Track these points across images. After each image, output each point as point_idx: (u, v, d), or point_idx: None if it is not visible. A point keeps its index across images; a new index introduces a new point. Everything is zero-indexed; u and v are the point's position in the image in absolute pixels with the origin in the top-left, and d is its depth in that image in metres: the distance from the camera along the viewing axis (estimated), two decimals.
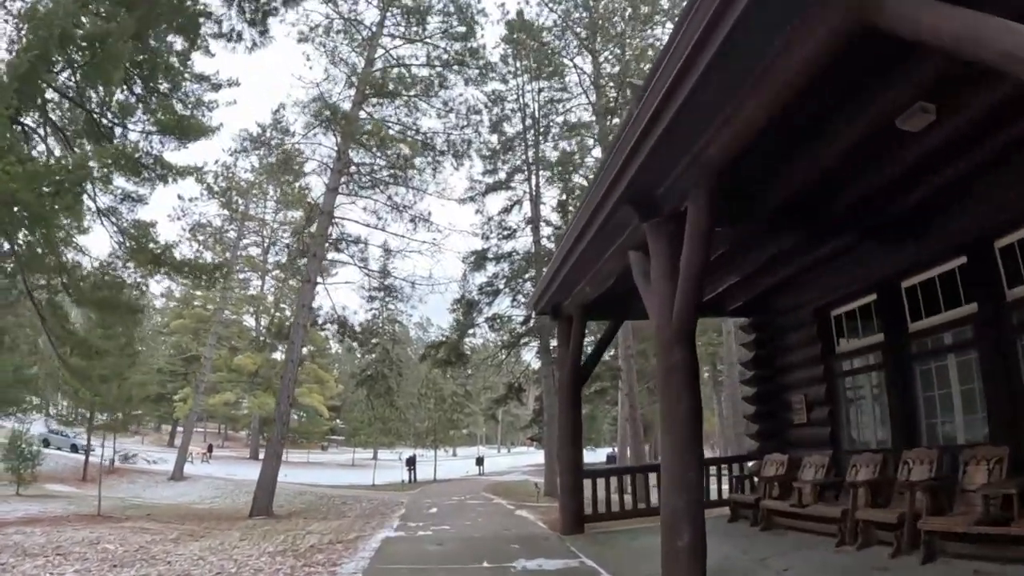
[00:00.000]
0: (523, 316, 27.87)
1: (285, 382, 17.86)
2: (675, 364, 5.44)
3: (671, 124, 4.76)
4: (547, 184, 29.06)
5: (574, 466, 9.46)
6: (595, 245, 7.30)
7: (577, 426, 9.53)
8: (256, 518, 16.10)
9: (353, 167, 21.03)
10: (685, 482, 5.31)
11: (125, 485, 33.14)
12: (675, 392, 5.42)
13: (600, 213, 6.64)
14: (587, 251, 7.53)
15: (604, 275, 7.99)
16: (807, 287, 9.62)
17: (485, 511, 14.79)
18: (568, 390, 9.52)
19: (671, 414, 5.46)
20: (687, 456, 5.35)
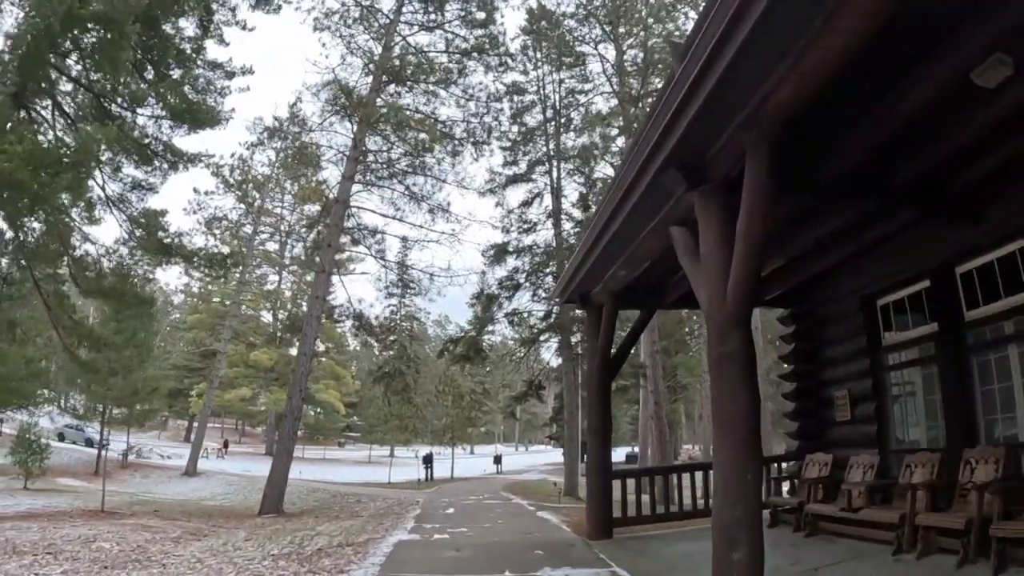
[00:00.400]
0: (543, 311, 27.19)
1: (297, 376, 17.23)
2: (730, 352, 4.69)
3: (726, 71, 4.06)
4: (568, 177, 28.43)
5: (602, 466, 8.72)
6: (632, 221, 6.56)
7: (606, 423, 8.79)
8: (265, 516, 15.51)
9: (370, 155, 20.39)
10: (742, 489, 4.57)
11: (138, 480, 32.87)
12: (729, 384, 4.68)
13: (639, 183, 5.91)
14: (623, 229, 6.79)
15: (640, 256, 7.23)
16: (852, 274, 8.90)
17: (504, 512, 14.08)
18: (597, 383, 8.78)
19: (724, 410, 4.72)
20: (744, 459, 4.60)
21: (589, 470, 8.75)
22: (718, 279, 4.88)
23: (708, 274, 5.03)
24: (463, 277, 22.28)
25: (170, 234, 17.90)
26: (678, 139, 4.95)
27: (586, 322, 9.59)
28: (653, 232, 6.59)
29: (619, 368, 9.41)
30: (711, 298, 4.91)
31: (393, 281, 22.48)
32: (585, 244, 8.00)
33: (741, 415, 4.62)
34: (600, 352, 8.71)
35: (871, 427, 8.42)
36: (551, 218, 27.34)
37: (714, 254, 5.01)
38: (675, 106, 4.72)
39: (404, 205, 21.33)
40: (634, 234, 6.88)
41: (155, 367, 40.37)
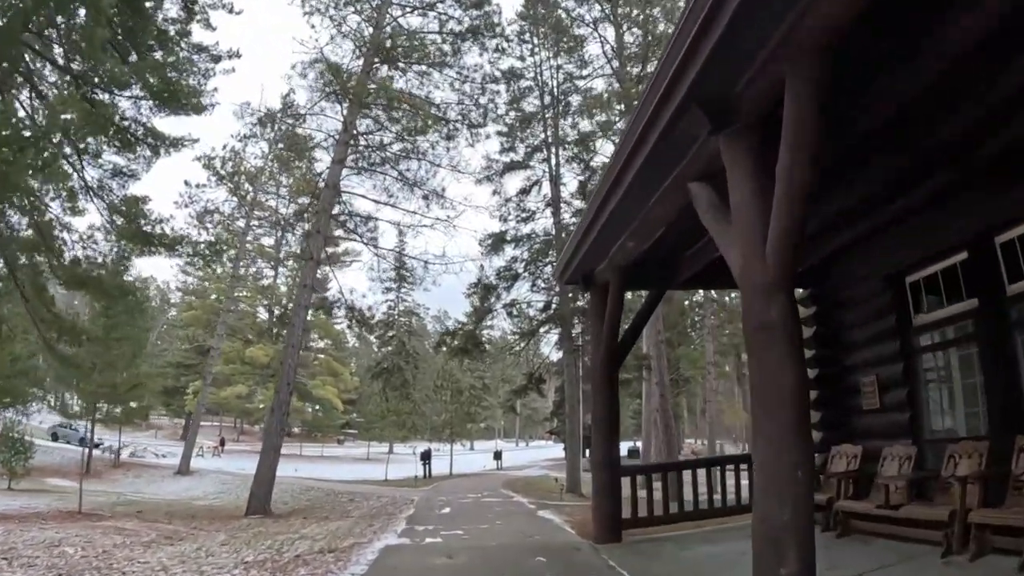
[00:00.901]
0: (543, 302, 26.40)
1: (285, 369, 16.38)
2: (771, 322, 3.85)
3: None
4: (567, 164, 27.56)
5: (609, 462, 7.86)
6: (643, 180, 5.72)
7: (613, 415, 7.93)
8: (252, 517, 14.69)
9: (361, 140, 19.52)
10: (792, 487, 3.74)
11: (130, 480, 32.11)
12: (773, 360, 3.84)
13: (652, 130, 5.06)
14: (632, 191, 5.95)
15: (653, 222, 6.38)
16: (877, 249, 8.13)
17: (503, 511, 13.26)
18: (602, 372, 7.93)
19: (767, 392, 3.89)
20: (794, 450, 3.77)
21: (595, 466, 7.90)
22: (754, 236, 4.05)
23: (741, 231, 4.20)
24: (459, 264, 21.25)
25: (151, 220, 17.09)
26: (701, 68, 4.12)
27: (590, 305, 8.75)
28: (668, 192, 5.76)
29: (626, 355, 8.55)
30: (746, 259, 4.08)
31: (386, 270, 21.54)
32: (588, 214, 7.16)
33: (788, 397, 3.79)
34: (606, 337, 7.87)
35: (903, 415, 7.64)
36: (550, 206, 26.53)
37: (748, 206, 4.18)
38: (698, 24, 3.88)
39: (397, 192, 20.47)
40: (645, 196, 6.05)
41: (148, 364, 39.69)
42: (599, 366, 7.95)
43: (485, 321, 26.15)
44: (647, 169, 5.55)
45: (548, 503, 15.21)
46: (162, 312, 74.55)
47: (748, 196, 4.21)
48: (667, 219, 6.27)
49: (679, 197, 5.65)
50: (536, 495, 18.54)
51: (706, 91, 4.33)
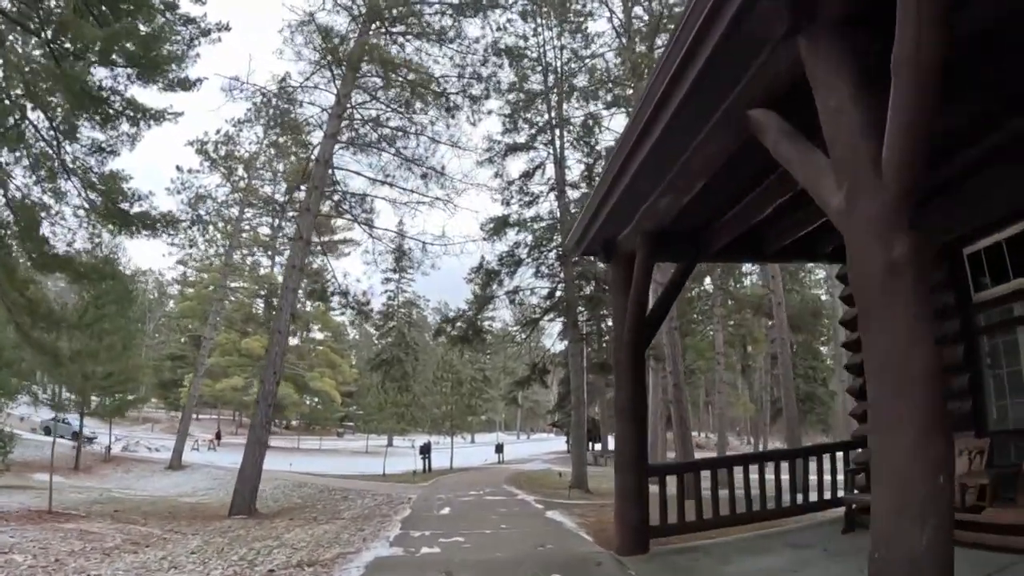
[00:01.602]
0: (547, 289, 25.30)
1: (271, 356, 15.19)
2: (897, 265, 2.71)
3: None
4: (571, 148, 26.42)
5: (636, 459, 6.69)
6: (686, 114, 4.55)
7: (639, 403, 6.75)
8: (235, 517, 13.56)
9: (357, 114, 18.31)
10: (931, 501, 2.59)
11: (119, 475, 31.09)
12: (901, 320, 2.70)
13: (705, 42, 3.91)
14: (670, 131, 4.78)
15: (695, 171, 5.20)
16: (927, 218, 6.91)
17: (509, 512, 12.09)
18: (629, 351, 6.74)
19: (890, 366, 2.76)
20: (930, 448, 2.62)
21: (619, 466, 6.70)
22: (859, 150, 2.90)
23: (840, 147, 3.04)
24: (459, 246, 19.98)
25: (129, 198, 15.92)
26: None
27: (612, 278, 7.54)
28: (718, 128, 4.60)
29: (654, 333, 7.38)
30: (851, 183, 2.92)
31: (382, 253, 20.31)
32: (613, 167, 5.98)
33: (922, 372, 2.65)
34: (632, 312, 6.68)
35: (964, 403, 6.64)
36: (553, 190, 25.41)
37: (848, 113, 3.03)
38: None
39: (394, 171, 19.26)
40: (687, 137, 4.89)
41: (144, 356, 38.70)
42: (624, 346, 6.77)
43: (486, 309, 25.09)
44: (693, 99, 4.39)
45: (555, 501, 14.06)
46: (159, 305, 73.59)
47: (847, 102, 3.05)
48: (713, 165, 5.08)
49: (732, 133, 4.51)
50: (542, 492, 17.39)
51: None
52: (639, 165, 5.45)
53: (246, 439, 15.29)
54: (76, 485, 25.14)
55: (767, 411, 47.28)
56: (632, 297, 6.68)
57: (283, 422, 67.61)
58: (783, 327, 20.92)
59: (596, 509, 11.86)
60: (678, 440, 17.19)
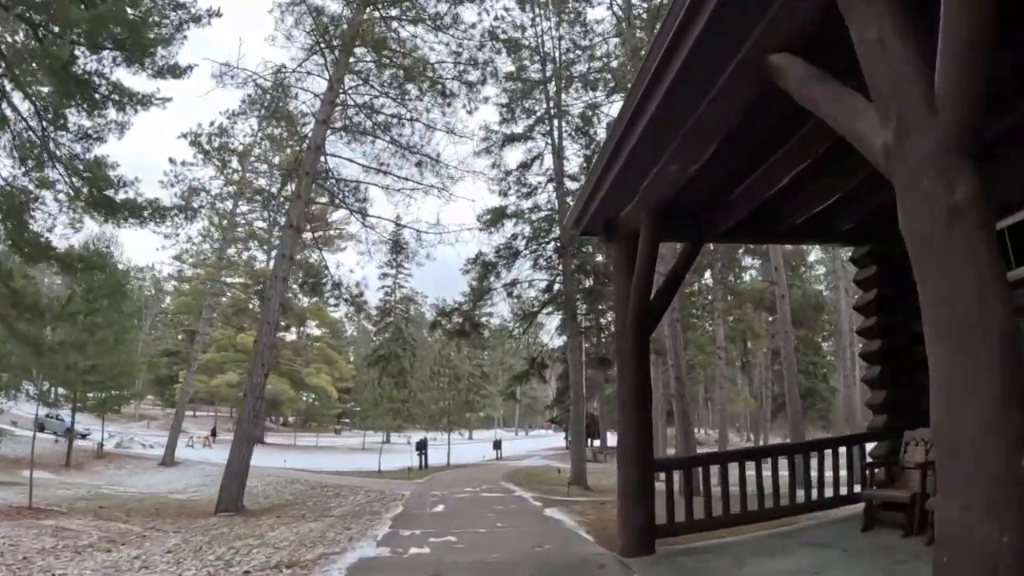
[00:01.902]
0: (546, 281, 24.78)
1: (260, 348, 14.67)
2: (958, 208, 2.29)
3: None
4: (569, 139, 25.87)
5: (641, 455, 6.17)
6: (698, 65, 4.06)
7: (644, 394, 6.24)
8: (221, 515, 13.07)
9: (350, 99, 17.78)
10: (1012, 490, 2.12)
11: (111, 471, 30.52)
12: (967, 270, 2.25)
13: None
14: (680, 85, 4.30)
15: (705, 132, 4.70)
16: None
17: (505, 510, 11.59)
18: (632, 338, 6.24)
19: (952, 326, 2.30)
20: (1008, 425, 2.14)
21: (623, 461, 6.19)
22: (904, 84, 2.42)
23: (883, 81, 2.54)
24: (454, 234, 19.40)
25: (113, 183, 15.40)
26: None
27: (614, 260, 7.03)
28: (734, 78, 4.09)
29: (660, 317, 6.89)
30: (896, 117, 2.44)
31: (375, 242, 19.74)
32: (614, 136, 5.49)
33: (993, 331, 2.18)
34: (636, 295, 6.18)
35: None
36: (552, 181, 24.89)
37: (891, 44, 2.55)
38: None
39: (389, 159, 18.71)
40: (697, 93, 4.39)
41: (131, 350, 38.11)
42: (627, 332, 6.27)
43: (484, 302, 24.56)
44: (705, 46, 3.90)
45: (554, 498, 13.57)
46: (156, 301, 73.09)
47: (890, 31, 2.57)
48: (726, 124, 4.59)
49: (749, 83, 4.02)
50: (540, 489, 16.89)
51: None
52: (644, 128, 4.96)
53: (234, 435, 14.77)
54: (66, 481, 24.64)
55: (768, 407, 46.85)
56: (635, 280, 6.19)
57: (280, 419, 67.32)
58: (787, 320, 20.41)
59: (596, 507, 11.38)
60: (680, 435, 16.71)
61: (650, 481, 6.08)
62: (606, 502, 11.72)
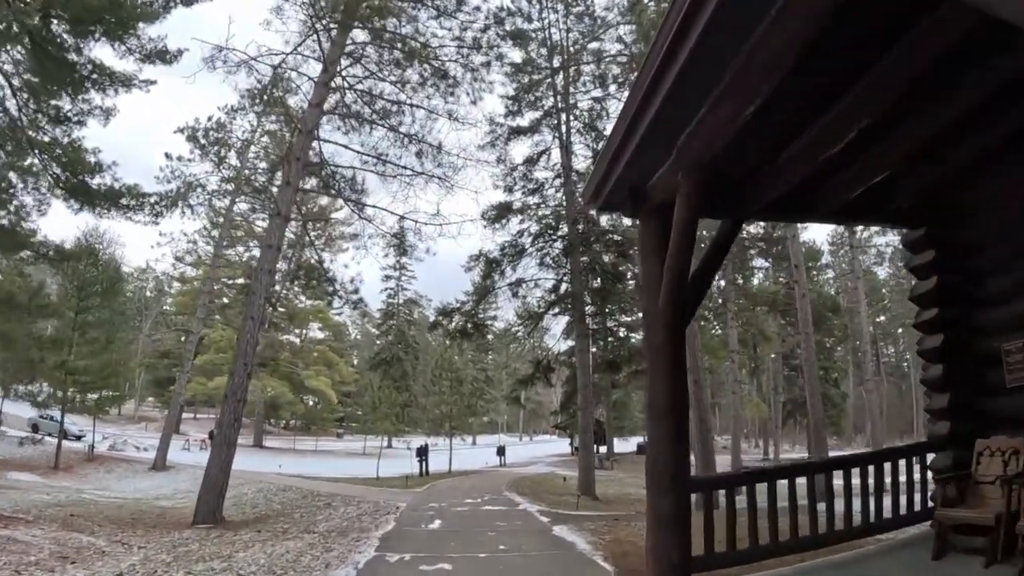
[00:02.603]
0: (553, 281, 23.65)
1: (242, 346, 13.50)
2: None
3: None
4: (577, 135, 24.79)
5: (677, 474, 4.97)
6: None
7: (680, 398, 5.01)
8: (199, 526, 11.95)
9: (346, 86, 16.71)
10: None
11: (100, 475, 29.46)
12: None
13: None
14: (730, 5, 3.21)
15: (764, 65, 3.57)
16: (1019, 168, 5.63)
17: (509, 527, 10.42)
18: (666, 331, 5.04)
19: None
20: None
21: (655, 483, 4.96)
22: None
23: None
24: (456, 226, 18.12)
25: (89, 166, 14.35)
26: None
27: (641, 237, 5.82)
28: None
29: (698, 304, 5.74)
30: None
31: (372, 236, 18.60)
32: (647, 74, 4.37)
33: None
34: (671, 277, 5.00)
35: None
36: (559, 177, 23.81)
37: None
38: None
39: (387, 148, 17.59)
40: (753, 14, 3.29)
41: (124, 350, 37.15)
42: (659, 322, 5.09)
43: (488, 304, 23.50)
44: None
45: (562, 513, 12.39)
46: (157, 302, 72.20)
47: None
48: (793, 50, 3.46)
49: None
50: (546, 500, 15.72)
51: None
52: (684, 63, 3.85)
53: (213, 440, 13.63)
54: (50, 485, 23.54)
55: (779, 413, 45.69)
56: (670, 259, 5.01)
57: (282, 422, 66.28)
58: (807, 321, 19.19)
59: (610, 523, 10.22)
60: (698, 444, 15.50)
61: (686, 508, 4.90)
62: (620, 517, 10.61)
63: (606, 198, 5.92)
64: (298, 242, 27.15)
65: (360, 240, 18.08)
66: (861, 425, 60.46)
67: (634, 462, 43.55)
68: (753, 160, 5.28)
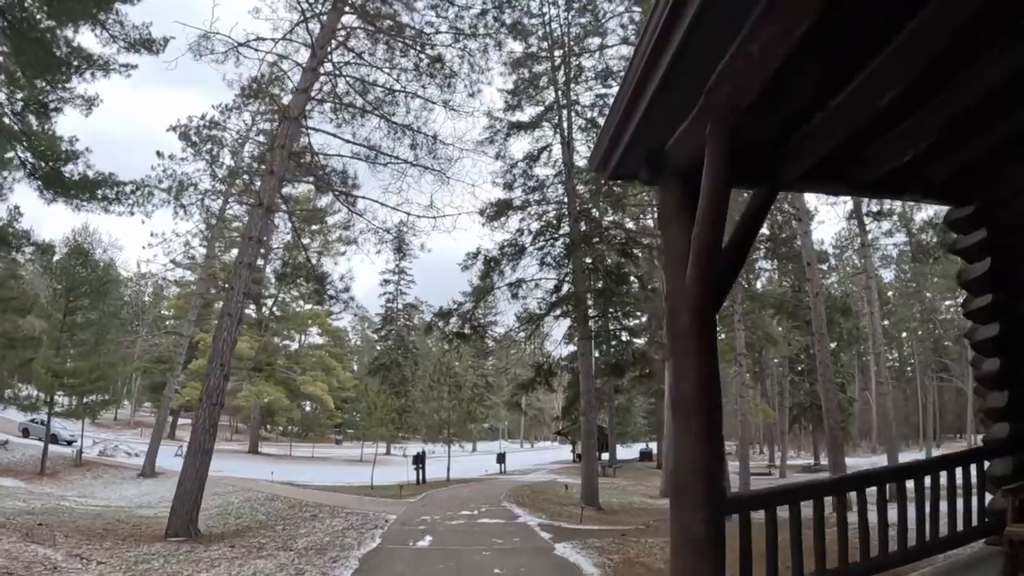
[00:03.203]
0: (554, 281, 22.74)
1: (218, 344, 12.55)
2: None
3: None
4: (580, 132, 23.97)
5: (710, 489, 3.99)
6: None
7: (712, 395, 4.10)
8: (171, 540, 11.03)
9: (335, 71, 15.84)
10: None
11: (87, 481, 28.55)
12: None
13: None
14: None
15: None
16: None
17: (506, 546, 9.47)
18: (693, 313, 4.08)
19: None
20: None
21: (680, 496, 4.01)
22: None
23: None
24: (451, 219, 17.11)
25: (62, 153, 13.50)
26: None
27: (662, 206, 4.87)
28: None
29: (733, 280, 4.79)
30: None
31: (363, 231, 17.64)
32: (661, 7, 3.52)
33: None
34: (699, 248, 4.09)
35: None
36: (560, 175, 22.96)
37: None
38: None
39: (380, 140, 16.69)
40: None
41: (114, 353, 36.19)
42: (686, 302, 4.17)
43: (489, 309, 22.63)
44: None
45: (565, 527, 11.45)
46: (155, 307, 71.46)
47: None
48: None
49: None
50: (547, 511, 14.77)
51: None
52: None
53: (187, 447, 12.64)
54: (31, 491, 22.62)
55: (785, 418, 44.82)
56: (698, 230, 4.09)
57: (280, 428, 65.34)
58: (821, 322, 18.24)
59: (618, 540, 9.28)
60: None
61: (720, 531, 3.98)
62: (628, 533, 9.67)
63: (616, 165, 5.01)
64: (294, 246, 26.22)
65: (351, 233, 17.07)
66: (866, 430, 59.63)
67: (636, 469, 42.62)
68: (789, 116, 4.41)
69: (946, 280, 50.81)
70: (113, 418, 62.04)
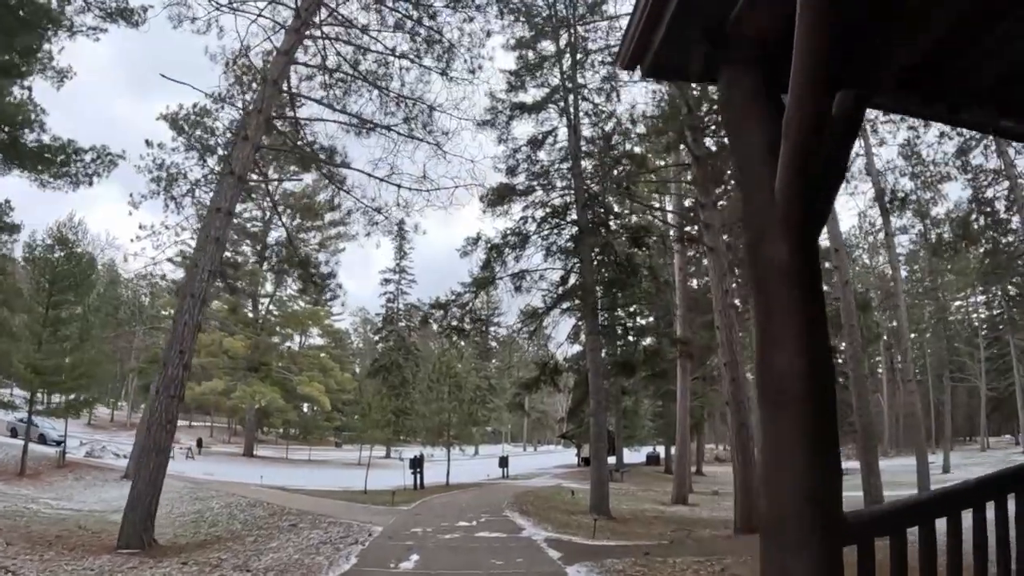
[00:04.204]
0: (561, 272, 21.36)
1: (177, 330, 11.02)
2: None
3: None
4: (587, 118, 22.61)
5: (820, 509, 2.51)
6: None
7: (823, 360, 2.68)
8: (121, 552, 9.58)
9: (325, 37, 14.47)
10: None
11: (68, 483, 27.21)
12: None
13: None
14: None
15: None
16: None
17: (507, 569, 7.99)
18: (789, 234, 2.74)
19: None
20: None
21: (776, 519, 2.60)
22: None
23: None
24: (447, 194, 15.44)
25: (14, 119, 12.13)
26: None
27: (726, 107, 3.46)
28: None
29: (834, 196, 3.32)
30: None
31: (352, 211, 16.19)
32: None
33: None
34: (793, 149, 2.66)
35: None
36: (566, 160, 21.58)
37: None
38: None
39: (373, 115, 15.28)
40: None
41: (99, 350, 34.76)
42: (778, 218, 2.74)
43: (489, 293, 21.22)
44: None
45: (576, 541, 9.95)
46: (151, 306, 70.42)
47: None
48: None
49: None
50: (554, 522, 13.28)
51: None
52: None
53: (139, 447, 11.19)
54: (4, 492, 21.37)
55: None
56: (795, 113, 2.66)
57: (276, 431, 64.09)
58: (851, 311, 16.65)
59: (641, 561, 7.78)
60: (737, 453, 13.06)
61: (838, 566, 2.53)
62: (651, 550, 8.17)
63: (657, 51, 3.50)
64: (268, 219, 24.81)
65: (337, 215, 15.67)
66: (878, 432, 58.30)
67: (644, 473, 41.20)
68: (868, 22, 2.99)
69: (963, 277, 49.32)
70: (109, 419, 61.01)
